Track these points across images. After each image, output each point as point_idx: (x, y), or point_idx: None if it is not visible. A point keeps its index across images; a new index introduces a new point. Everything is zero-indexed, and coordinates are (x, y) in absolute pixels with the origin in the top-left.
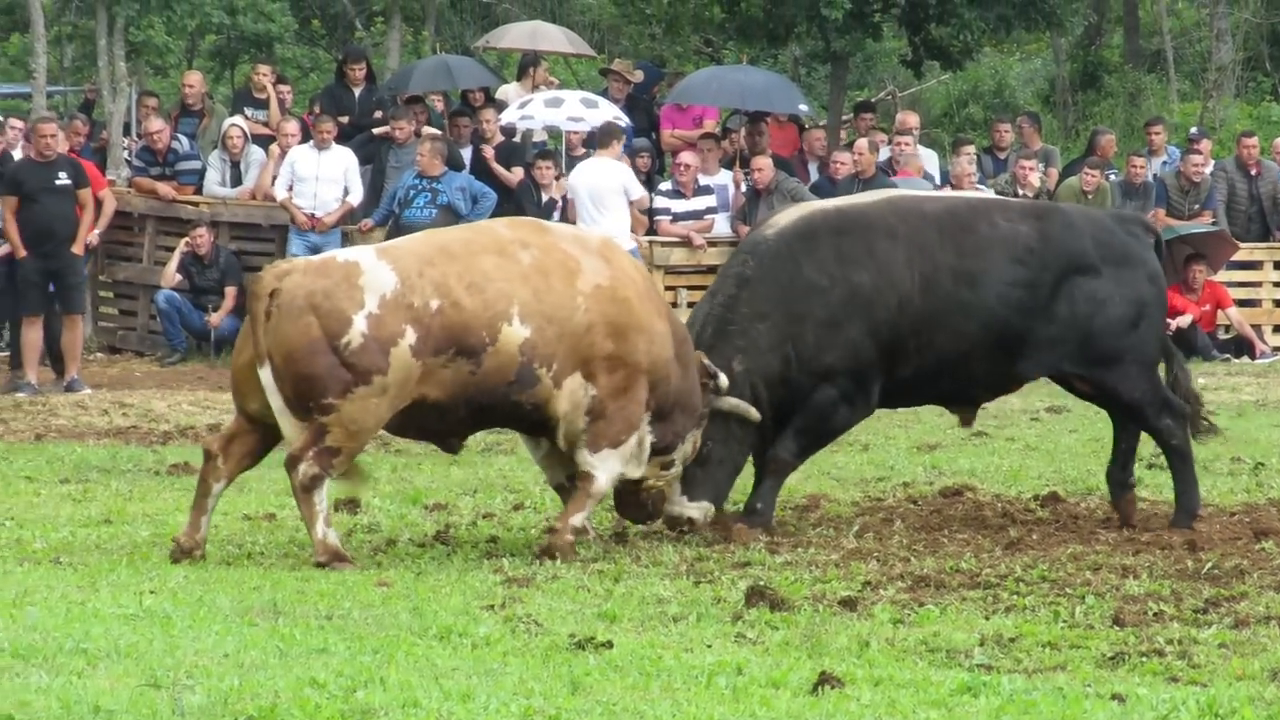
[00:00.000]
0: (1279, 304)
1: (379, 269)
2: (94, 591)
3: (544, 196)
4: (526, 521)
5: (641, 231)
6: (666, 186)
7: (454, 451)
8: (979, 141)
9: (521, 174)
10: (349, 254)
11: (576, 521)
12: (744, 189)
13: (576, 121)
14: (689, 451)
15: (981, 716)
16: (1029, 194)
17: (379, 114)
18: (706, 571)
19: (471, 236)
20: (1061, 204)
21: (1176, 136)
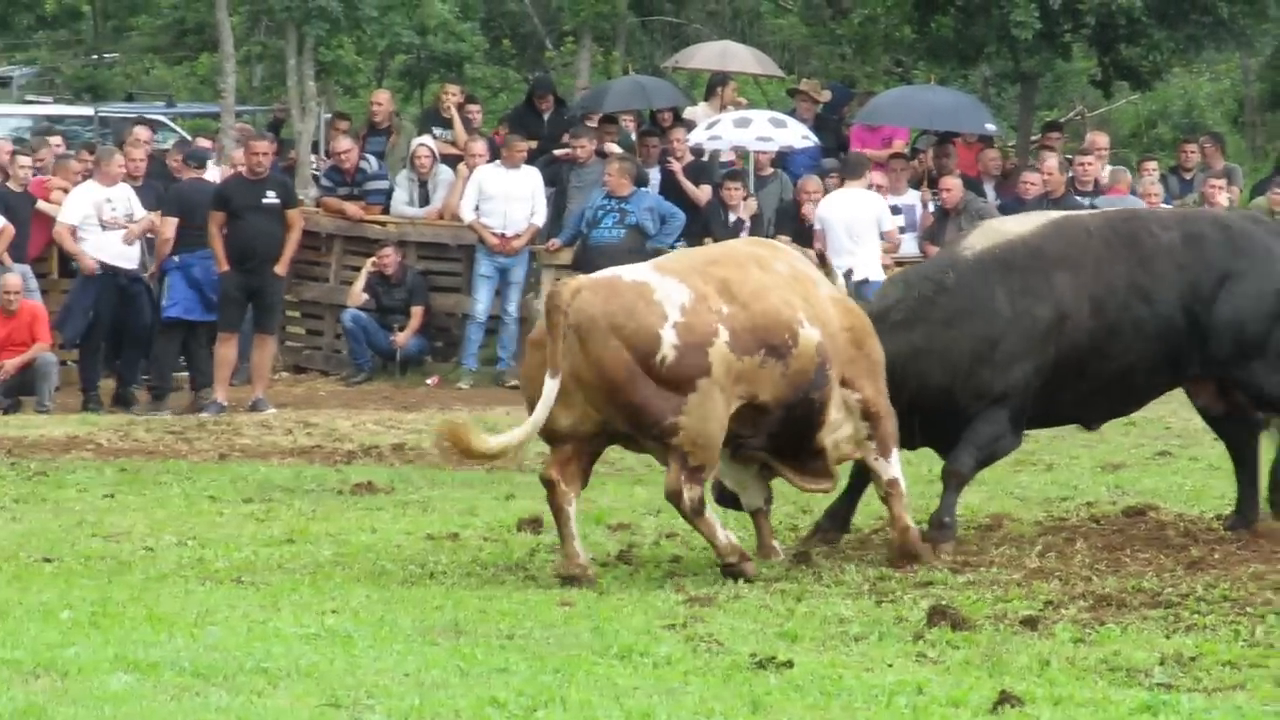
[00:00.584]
0: None
1: (666, 283)
2: (275, 611)
3: (732, 217)
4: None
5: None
6: None
7: None
8: (1164, 162)
9: (710, 193)
10: (632, 272)
11: (909, 520)
12: (932, 209)
13: (765, 141)
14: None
15: None
16: None
17: (565, 137)
18: (889, 591)
19: (720, 254)
20: (1199, 208)
21: None
